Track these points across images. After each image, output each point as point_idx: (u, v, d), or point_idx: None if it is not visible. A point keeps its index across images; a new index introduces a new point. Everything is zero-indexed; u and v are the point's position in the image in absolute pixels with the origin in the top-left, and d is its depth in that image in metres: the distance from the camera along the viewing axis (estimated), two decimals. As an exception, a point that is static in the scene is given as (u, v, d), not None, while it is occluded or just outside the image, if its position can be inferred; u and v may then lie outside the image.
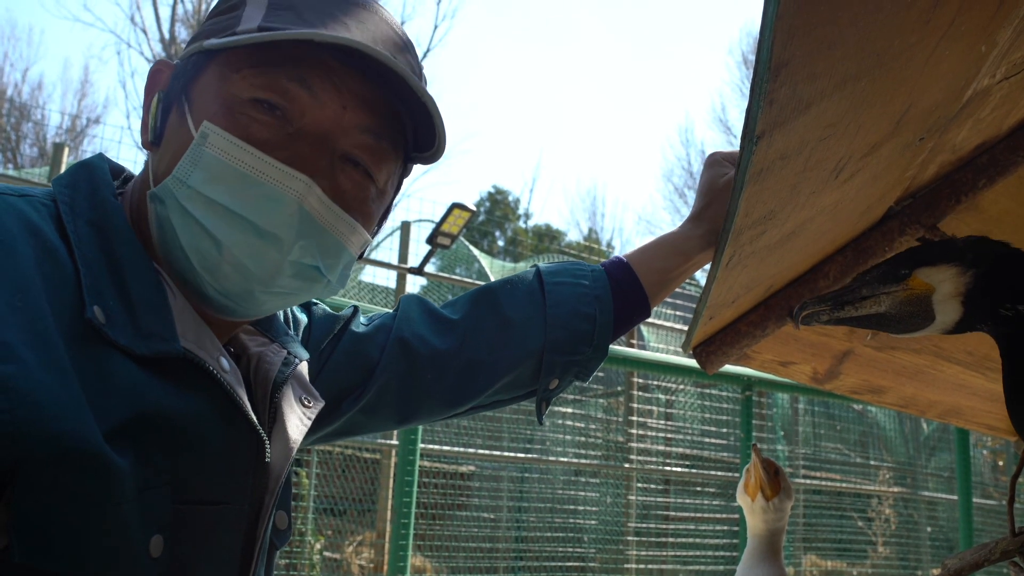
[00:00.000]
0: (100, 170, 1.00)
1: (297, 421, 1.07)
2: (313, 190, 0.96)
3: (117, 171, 1.06)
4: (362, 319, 1.35)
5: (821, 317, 1.19)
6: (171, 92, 1.02)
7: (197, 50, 1.00)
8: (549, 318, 1.31)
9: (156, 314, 0.92)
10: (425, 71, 1.11)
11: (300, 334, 1.27)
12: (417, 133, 1.09)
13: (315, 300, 1.33)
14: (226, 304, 1.00)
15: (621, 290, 1.36)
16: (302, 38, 0.93)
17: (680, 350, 7.38)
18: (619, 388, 7.74)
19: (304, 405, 1.09)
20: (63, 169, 6.87)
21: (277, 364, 1.09)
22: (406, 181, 1.17)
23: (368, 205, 1.04)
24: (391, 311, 1.36)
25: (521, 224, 27.14)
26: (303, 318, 1.29)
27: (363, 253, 1.10)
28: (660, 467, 7.52)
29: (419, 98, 1.00)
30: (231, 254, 0.94)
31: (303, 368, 1.14)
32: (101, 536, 0.81)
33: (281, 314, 1.22)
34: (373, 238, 1.10)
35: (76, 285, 0.87)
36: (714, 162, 1.43)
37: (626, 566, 7.09)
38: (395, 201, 1.16)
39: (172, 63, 1.05)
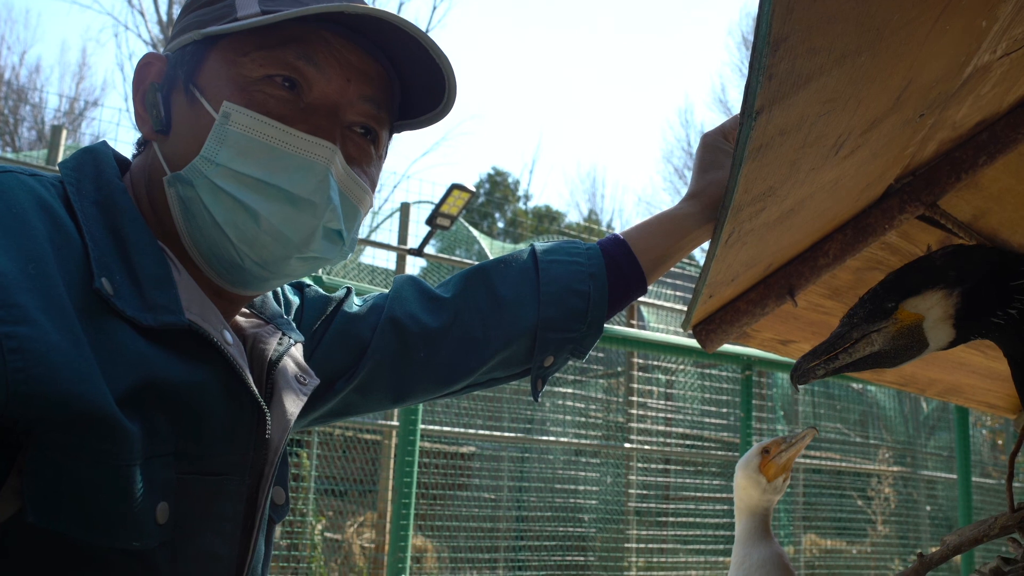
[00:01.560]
0: (104, 155, 1.04)
1: (294, 396, 1.10)
2: (337, 156, 1.02)
3: (119, 159, 1.09)
4: (356, 300, 1.36)
5: (818, 372, 1.19)
6: (170, 81, 1.05)
7: (195, 39, 1.03)
8: (542, 295, 1.32)
9: (161, 287, 0.95)
10: None
11: (292, 315, 1.28)
12: (409, 101, 1.15)
13: (308, 282, 1.36)
14: (261, 274, 1.04)
15: (617, 267, 1.36)
16: (332, 10, 0.98)
17: (680, 330, 7.38)
18: (619, 368, 7.75)
19: (300, 382, 1.12)
20: (61, 152, 6.87)
21: (273, 344, 1.12)
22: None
23: (372, 169, 1.10)
24: (386, 292, 1.37)
25: (521, 205, 27.09)
26: (295, 300, 1.31)
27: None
28: (660, 447, 7.54)
29: (428, 62, 1.06)
30: (269, 224, 0.99)
31: (298, 348, 1.17)
32: (111, 499, 0.84)
33: (272, 296, 1.24)
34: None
35: (84, 259, 0.90)
36: (708, 141, 1.43)
37: (626, 545, 7.12)
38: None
39: (162, 55, 1.09)
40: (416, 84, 1.12)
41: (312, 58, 1.02)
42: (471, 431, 6.48)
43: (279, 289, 1.29)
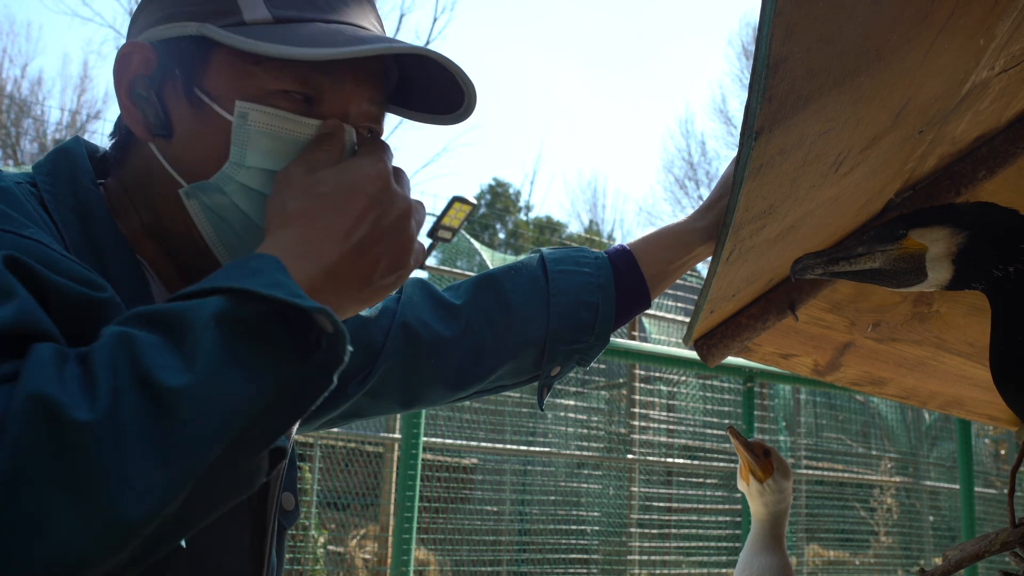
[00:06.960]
0: (79, 157, 1.01)
1: None
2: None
3: (93, 151, 1.06)
4: None
5: (816, 270, 1.20)
6: (162, 76, 0.99)
7: (191, 34, 0.97)
8: (552, 306, 1.32)
9: (139, 300, 0.94)
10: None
11: None
12: (412, 89, 1.09)
13: None
14: None
15: (623, 279, 1.36)
16: (336, 57, 0.93)
17: (682, 341, 7.38)
18: (621, 380, 7.74)
19: None
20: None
21: None
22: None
23: None
24: (395, 294, 1.36)
25: (522, 216, 27.12)
26: None
27: None
28: (662, 459, 7.53)
29: (441, 68, 0.99)
30: None
31: None
32: None
33: None
34: None
35: None
36: None
37: (629, 558, 7.10)
38: None
39: (144, 44, 1.00)
40: (423, 78, 1.06)
41: (327, 67, 0.97)
42: (473, 443, 6.47)
43: None
